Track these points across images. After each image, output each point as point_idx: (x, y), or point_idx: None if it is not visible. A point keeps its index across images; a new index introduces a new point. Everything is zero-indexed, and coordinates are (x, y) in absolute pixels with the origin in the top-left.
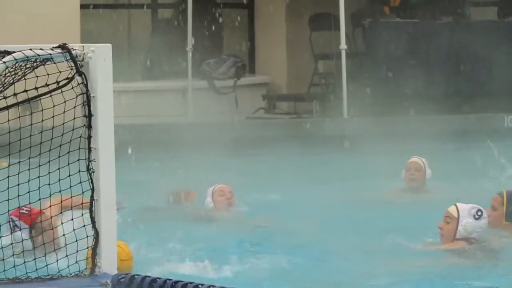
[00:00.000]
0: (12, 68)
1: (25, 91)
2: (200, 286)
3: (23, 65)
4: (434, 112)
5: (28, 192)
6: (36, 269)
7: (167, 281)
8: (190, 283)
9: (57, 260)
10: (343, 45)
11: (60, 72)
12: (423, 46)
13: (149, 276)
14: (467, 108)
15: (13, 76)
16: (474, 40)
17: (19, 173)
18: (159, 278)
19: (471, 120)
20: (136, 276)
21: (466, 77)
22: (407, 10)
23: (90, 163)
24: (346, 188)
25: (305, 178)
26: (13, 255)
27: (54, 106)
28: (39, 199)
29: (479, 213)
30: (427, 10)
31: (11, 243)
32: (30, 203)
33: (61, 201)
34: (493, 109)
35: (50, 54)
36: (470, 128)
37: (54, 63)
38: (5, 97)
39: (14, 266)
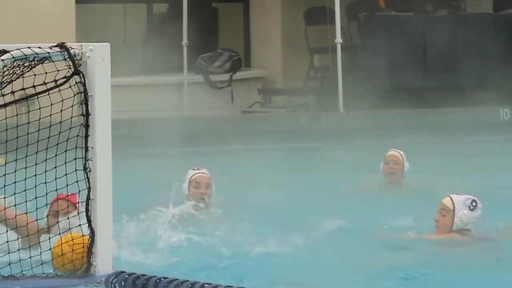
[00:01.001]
0: (10, 66)
1: (23, 89)
2: (195, 284)
3: (21, 63)
4: (430, 105)
5: (25, 190)
6: (32, 267)
7: (161, 279)
8: (186, 281)
9: (52, 259)
10: (339, 39)
11: (58, 70)
12: (419, 40)
13: (143, 275)
14: (463, 101)
15: (11, 75)
16: (469, 33)
17: (15, 171)
18: (154, 277)
19: (466, 114)
20: (130, 275)
21: (461, 71)
22: (402, 3)
23: (87, 162)
24: (339, 181)
25: (299, 171)
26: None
27: (51, 104)
28: (35, 197)
29: (474, 204)
30: (422, 3)
31: None
32: (26, 201)
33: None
34: (489, 103)
35: (48, 52)
36: (465, 121)
37: (52, 61)
38: (2, 95)
39: (9, 264)
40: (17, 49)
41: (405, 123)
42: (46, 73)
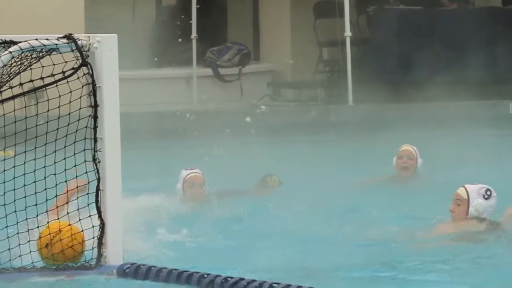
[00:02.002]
0: (18, 58)
1: (31, 81)
2: (205, 275)
3: (29, 55)
4: (439, 99)
5: (34, 182)
6: (42, 259)
7: (173, 271)
8: (196, 272)
9: (62, 250)
10: (348, 32)
11: (66, 62)
12: (428, 33)
13: (154, 266)
14: (472, 95)
15: (19, 66)
16: (478, 27)
17: (24, 163)
18: (165, 268)
19: (476, 107)
20: (141, 266)
21: (470, 64)
22: None
23: (96, 153)
24: (349, 174)
25: (309, 165)
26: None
27: (60, 96)
28: (45, 189)
29: (488, 193)
30: None
31: None
32: (35, 192)
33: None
34: (498, 96)
35: (56, 44)
36: (475, 115)
37: (60, 53)
38: (11, 87)
39: (20, 256)
40: (24, 41)
41: (414, 117)
42: (54, 64)
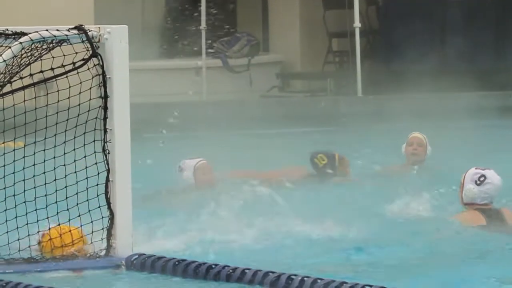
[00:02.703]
0: (28, 49)
1: (41, 71)
2: (213, 266)
3: (39, 46)
4: (448, 90)
5: (44, 172)
6: (52, 249)
7: (180, 261)
8: (204, 263)
9: (72, 241)
10: (357, 23)
11: (76, 53)
12: (437, 23)
13: (163, 257)
14: (481, 85)
15: (29, 57)
16: (488, 17)
17: (34, 153)
18: (173, 259)
19: (484, 98)
20: (150, 257)
21: (479, 54)
22: None
23: (105, 144)
24: (359, 164)
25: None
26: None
27: (70, 87)
28: (55, 179)
29: (482, 179)
30: None
31: None
32: (45, 183)
33: None
34: (507, 87)
35: (66, 35)
36: (483, 105)
37: (70, 44)
38: (21, 78)
39: (29, 246)
40: (35, 32)
41: (424, 107)
42: (64, 55)
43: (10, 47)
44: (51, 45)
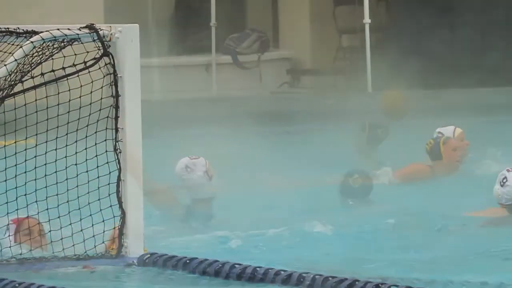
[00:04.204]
0: (39, 48)
1: (52, 71)
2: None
3: (50, 45)
4: (459, 85)
5: (55, 172)
6: (63, 249)
7: (192, 260)
8: (216, 261)
9: (84, 240)
10: (367, 19)
11: (88, 52)
12: (447, 19)
13: (174, 256)
14: (493, 81)
15: (40, 56)
16: (499, 13)
17: (46, 152)
18: (184, 257)
19: (497, 94)
20: (162, 256)
21: (492, 50)
22: None
23: (117, 143)
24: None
25: (327, 153)
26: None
27: (81, 86)
28: (66, 179)
29: (504, 180)
30: None
31: None
32: (57, 182)
33: None
34: None
35: (78, 34)
36: (497, 101)
37: (82, 43)
38: (32, 77)
39: (40, 246)
40: (46, 31)
41: (434, 103)
42: (75, 54)
43: (21, 46)
44: (62, 44)
